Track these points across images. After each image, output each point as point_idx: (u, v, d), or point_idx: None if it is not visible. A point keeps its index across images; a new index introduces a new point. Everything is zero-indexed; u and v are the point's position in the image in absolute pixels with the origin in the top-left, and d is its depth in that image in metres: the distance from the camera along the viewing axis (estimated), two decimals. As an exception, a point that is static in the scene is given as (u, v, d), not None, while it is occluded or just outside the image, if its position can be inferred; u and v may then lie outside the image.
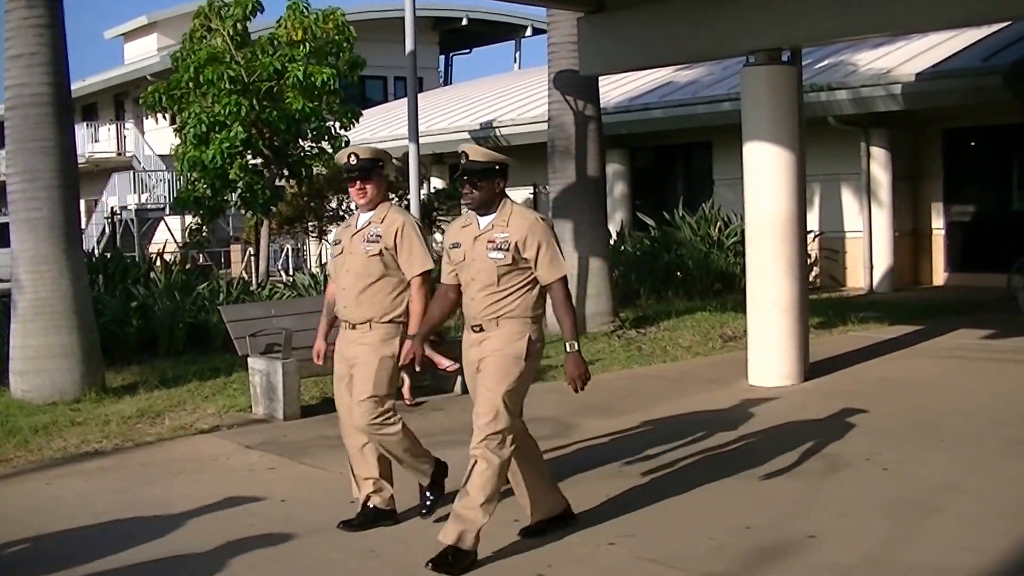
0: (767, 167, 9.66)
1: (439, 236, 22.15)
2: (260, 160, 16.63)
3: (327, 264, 6.12)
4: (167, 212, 28.62)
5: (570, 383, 5.13)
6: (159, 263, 16.36)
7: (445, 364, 9.13)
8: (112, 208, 30.98)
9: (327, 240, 18.91)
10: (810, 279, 15.17)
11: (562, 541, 5.41)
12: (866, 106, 16.05)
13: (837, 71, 16.80)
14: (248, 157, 16.30)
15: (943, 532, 5.45)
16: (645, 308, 14.94)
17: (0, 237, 17.38)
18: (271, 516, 5.99)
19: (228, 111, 15.33)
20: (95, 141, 35.54)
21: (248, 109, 15.45)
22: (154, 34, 34.47)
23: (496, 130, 21.43)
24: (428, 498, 5.88)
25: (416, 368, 5.44)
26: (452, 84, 36.07)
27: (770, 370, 9.69)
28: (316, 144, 16.79)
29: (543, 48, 13.89)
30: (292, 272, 18.60)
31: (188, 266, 16.54)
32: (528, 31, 36.67)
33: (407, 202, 13.49)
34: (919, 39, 16.40)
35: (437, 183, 23.38)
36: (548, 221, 5.24)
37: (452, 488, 5.54)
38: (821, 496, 6.17)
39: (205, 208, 17.07)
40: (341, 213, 18.12)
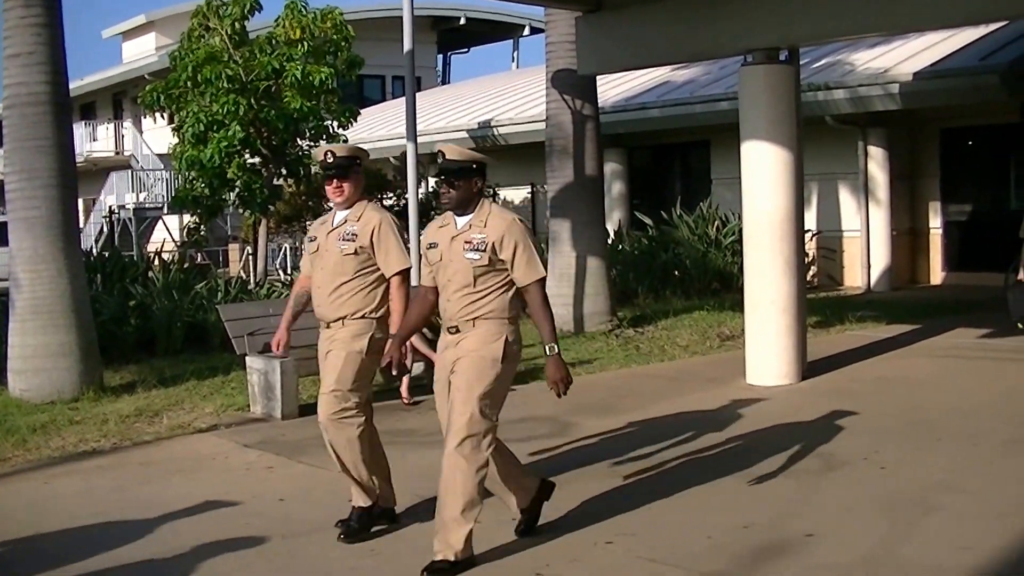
0: (765, 166, 9.66)
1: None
2: (258, 159, 16.63)
3: (302, 262, 6.00)
4: (165, 211, 28.62)
5: (551, 387, 5.04)
6: (157, 262, 16.36)
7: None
8: (110, 207, 30.96)
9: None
10: (808, 278, 15.17)
11: (559, 540, 5.41)
12: (864, 105, 16.07)
13: (835, 70, 16.81)
14: (246, 156, 16.31)
15: (941, 531, 5.45)
16: (643, 307, 14.95)
17: (-2, 236, 17.34)
18: (269, 515, 5.99)
19: (226, 110, 15.33)
20: (93, 140, 35.54)
21: (246, 108, 15.45)
22: (152, 33, 34.46)
23: (494, 129, 21.44)
24: (352, 520, 5.54)
25: (392, 372, 5.32)
26: (450, 83, 36.07)
27: (768, 369, 9.70)
28: (314, 143, 16.78)
29: (541, 47, 13.91)
30: (290, 271, 18.59)
31: (186, 265, 16.54)
32: (526, 30, 36.69)
33: (405, 200, 13.49)
34: (916, 39, 16.43)
35: (435, 182, 23.38)
36: (526, 223, 5.15)
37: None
38: (819, 495, 6.17)
39: (203, 207, 17.06)
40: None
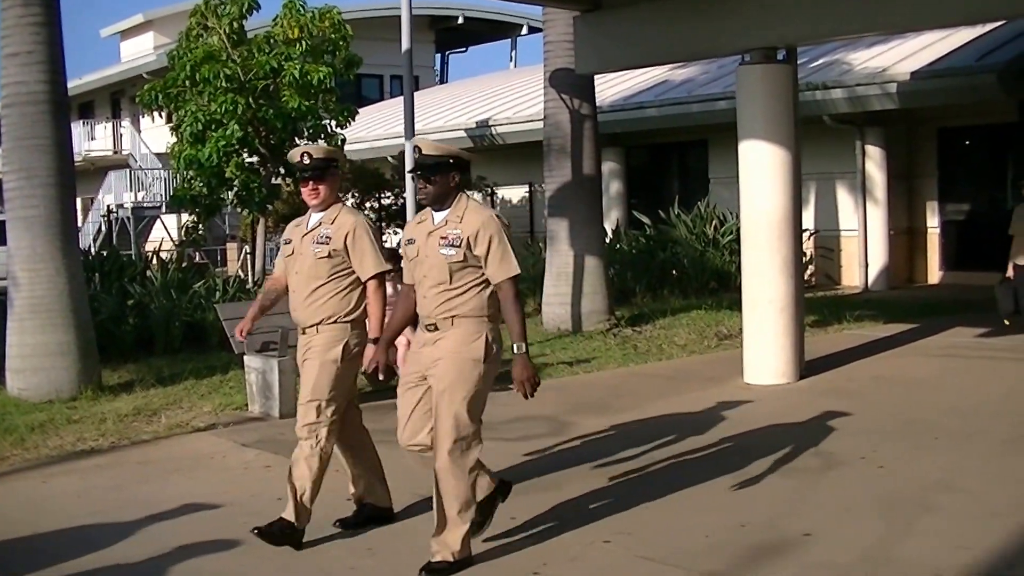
0: (763, 166, 9.67)
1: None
2: (256, 158, 16.62)
3: (276, 261, 5.95)
4: (163, 210, 28.57)
5: (518, 387, 4.92)
6: (155, 261, 16.36)
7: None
8: (108, 206, 30.90)
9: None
10: (805, 277, 15.18)
11: (557, 539, 5.41)
12: (861, 105, 16.09)
13: (832, 70, 16.83)
14: (244, 155, 16.30)
15: (938, 530, 5.46)
16: (641, 306, 14.95)
17: (-4, 235, 17.33)
18: (267, 514, 5.97)
19: (224, 109, 15.32)
20: (91, 139, 35.49)
21: (244, 107, 15.45)
22: (150, 32, 34.43)
23: (492, 129, 21.44)
24: (274, 528, 5.39)
25: (380, 376, 5.26)
26: (448, 82, 36.07)
27: (766, 368, 9.71)
28: (312, 142, 16.77)
29: (539, 47, 13.91)
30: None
31: (184, 264, 16.54)
32: (524, 30, 36.71)
33: (403, 200, 13.47)
34: (914, 38, 16.44)
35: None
36: (503, 220, 5.10)
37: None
38: (817, 494, 6.18)
39: (201, 206, 17.05)
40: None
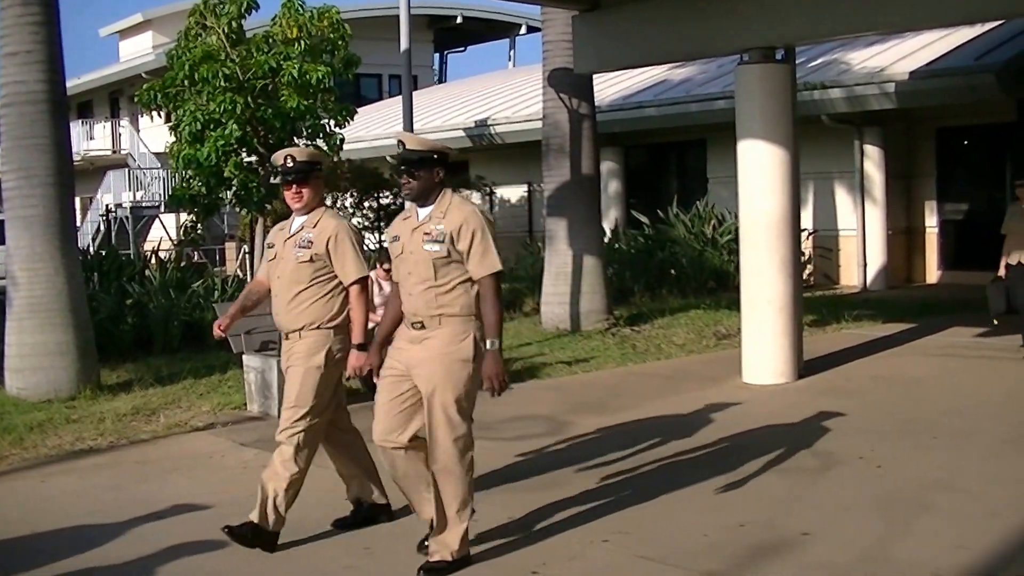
0: (761, 165, 9.67)
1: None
2: (255, 158, 16.60)
3: (260, 265, 5.91)
4: (162, 210, 28.56)
5: (486, 383, 4.84)
6: (154, 261, 16.38)
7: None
8: (107, 206, 30.89)
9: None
10: (804, 277, 15.19)
11: (555, 538, 5.42)
12: (860, 104, 16.09)
13: (831, 69, 16.83)
14: (243, 155, 16.28)
15: (937, 530, 5.47)
16: (639, 306, 14.95)
17: (-5, 235, 17.32)
18: (266, 513, 5.99)
19: (223, 109, 15.31)
20: (90, 139, 35.48)
21: (243, 107, 15.43)
22: (149, 32, 34.43)
23: (490, 128, 21.44)
24: (245, 528, 5.34)
25: (373, 380, 5.21)
26: (447, 82, 36.06)
27: (764, 368, 9.71)
28: (311, 142, 16.76)
29: (538, 46, 13.97)
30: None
31: (183, 264, 16.54)
32: (523, 29, 36.70)
33: (402, 200, 13.47)
34: (912, 38, 16.45)
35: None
36: (488, 215, 5.05)
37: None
38: (815, 494, 6.19)
39: (200, 206, 17.04)
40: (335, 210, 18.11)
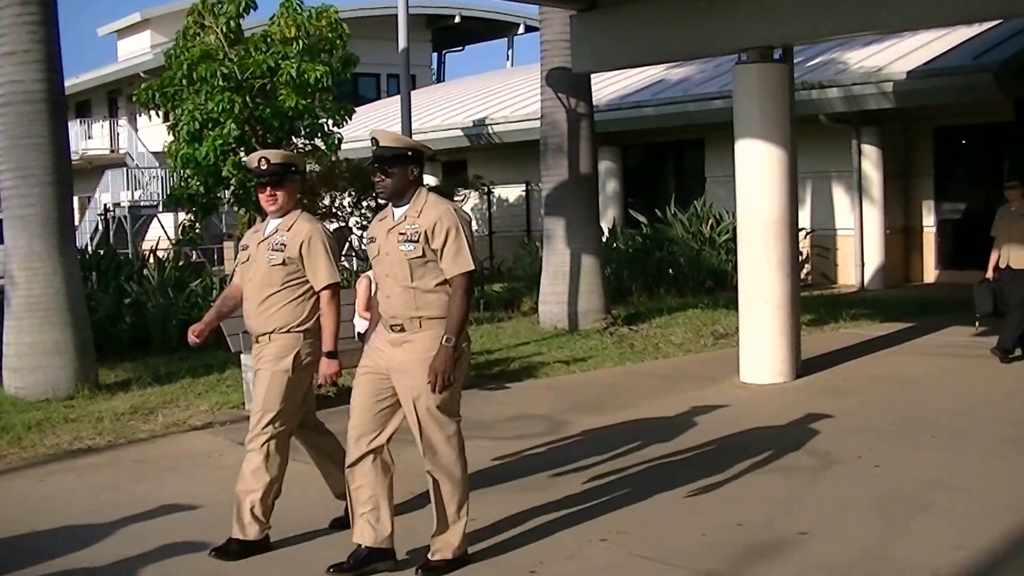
0: (759, 165, 9.68)
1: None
2: (253, 157, 16.62)
3: (233, 268, 5.87)
4: (160, 209, 28.56)
5: (429, 376, 4.74)
6: (152, 260, 16.33)
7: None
8: (105, 205, 30.88)
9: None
10: (802, 277, 15.20)
11: (553, 537, 5.43)
12: (857, 104, 16.10)
13: (828, 69, 16.84)
14: (241, 154, 16.27)
15: (935, 530, 5.48)
16: (637, 305, 14.97)
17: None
18: (265, 513, 5.99)
19: (221, 108, 15.31)
20: (88, 138, 35.44)
21: (241, 106, 15.43)
22: (147, 31, 34.42)
23: (489, 127, 21.45)
24: (231, 548, 5.32)
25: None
26: (445, 81, 36.06)
27: (762, 367, 9.72)
28: (309, 141, 16.77)
29: (536, 46, 13.97)
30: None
31: (181, 263, 16.51)
32: (521, 29, 36.69)
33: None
34: (910, 37, 16.46)
35: (430, 180, 23.42)
36: (464, 213, 4.97)
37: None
38: (813, 493, 6.20)
39: (198, 205, 17.04)
40: (334, 210, 18.13)
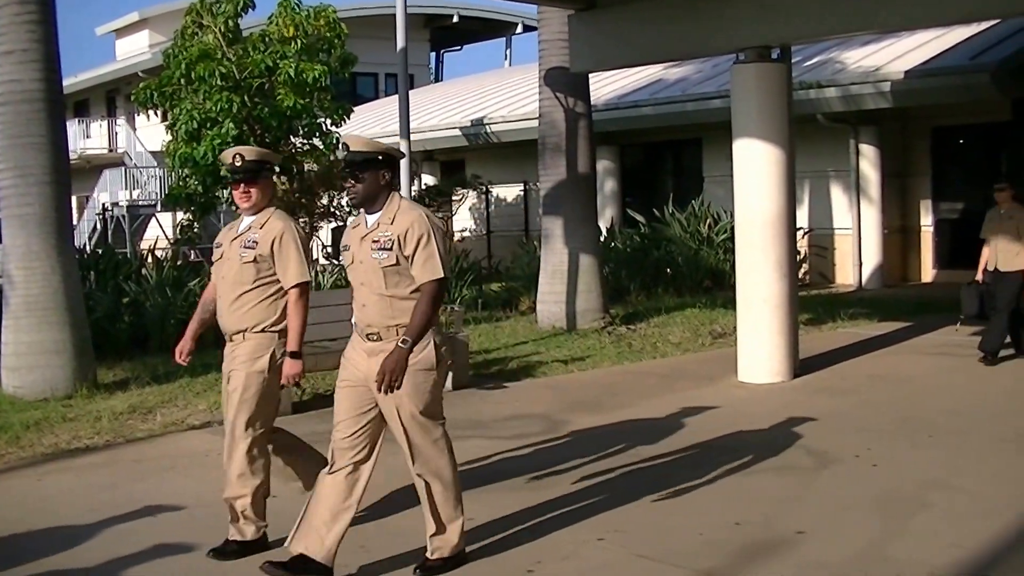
0: (757, 164, 9.69)
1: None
2: (251, 157, 16.61)
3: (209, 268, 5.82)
4: (158, 208, 28.54)
5: (377, 375, 4.67)
6: (150, 259, 16.33)
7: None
8: (103, 204, 30.87)
9: (317, 237, 18.86)
10: (799, 276, 15.21)
11: (550, 536, 5.43)
12: (855, 104, 16.12)
13: (826, 69, 16.86)
14: (239, 154, 16.28)
15: (932, 529, 5.49)
16: (635, 304, 14.98)
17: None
18: (263, 512, 6.00)
19: (219, 108, 15.31)
20: (87, 137, 35.40)
21: (239, 106, 15.44)
22: (146, 31, 34.40)
23: (487, 127, 21.45)
24: (229, 549, 5.40)
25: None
26: (443, 81, 36.06)
27: (760, 367, 9.73)
28: (307, 141, 16.77)
29: (534, 45, 13.93)
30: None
31: (179, 262, 16.50)
32: (519, 28, 36.70)
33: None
34: (908, 37, 16.48)
35: (428, 180, 23.40)
36: (436, 219, 4.86)
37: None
38: (811, 492, 6.21)
39: (196, 204, 17.04)
40: (332, 209, 18.13)
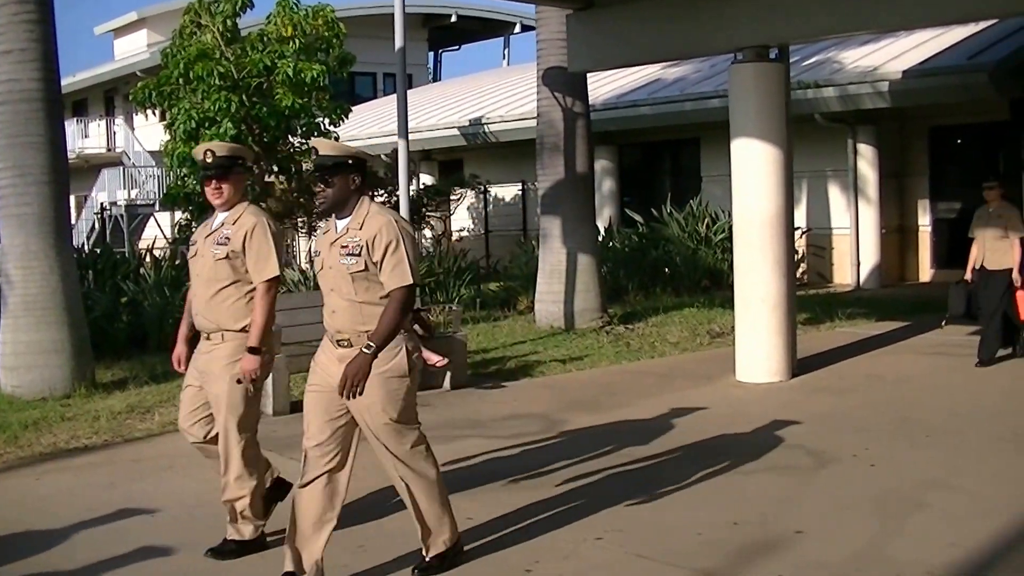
0: (755, 164, 9.70)
1: (428, 232, 22.19)
2: (249, 156, 16.63)
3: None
4: (157, 208, 28.52)
5: (340, 381, 4.56)
6: (149, 259, 16.34)
7: (435, 360, 9.16)
8: (102, 204, 30.87)
9: (316, 236, 18.85)
10: (797, 276, 15.22)
11: (549, 536, 5.44)
12: (853, 103, 16.13)
13: (824, 68, 16.86)
14: (237, 153, 16.29)
15: (930, 528, 5.49)
16: (633, 304, 14.98)
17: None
18: (261, 511, 6.00)
19: (218, 107, 15.30)
20: (85, 137, 35.38)
21: (238, 105, 15.42)
22: (144, 30, 34.36)
23: (485, 127, 21.46)
24: (227, 548, 5.36)
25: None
26: (441, 81, 36.06)
27: (758, 366, 9.74)
28: (305, 140, 16.77)
29: (532, 45, 13.92)
30: (281, 268, 18.60)
31: (178, 262, 16.50)
32: (517, 28, 36.70)
33: (397, 197, 13.45)
34: (905, 37, 16.49)
35: (426, 179, 23.40)
36: (406, 224, 4.80)
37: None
38: (808, 492, 6.21)
39: (195, 204, 17.00)
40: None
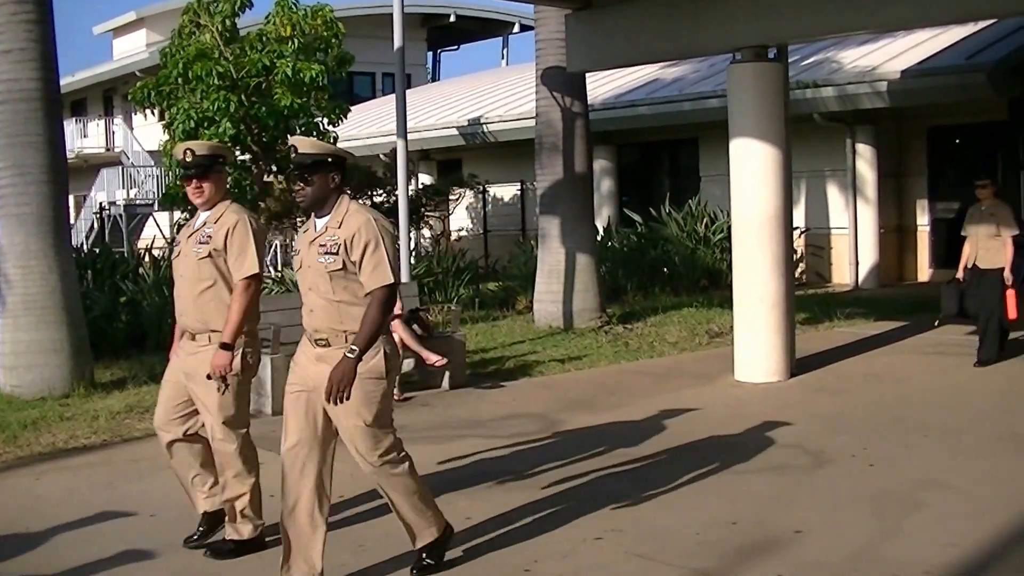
0: (753, 164, 9.70)
1: (427, 232, 22.21)
2: (248, 156, 16.61)
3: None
4: (156, 208, 28.54)
5: (327, 385, 4.50)
6: (148, 259, 16.34)
7: (433, 359, 9.17)
8: (101, 203, 30.88)
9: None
10: (796, 275, 15.23)
11: (547, 536, 5.44)
12: (852, 103, 16.14)
13: (823, 68, 16.88)
14: (236, 153, 16.29)
15: (927, 528, 5.50)
16: (632, 304, 14.99)
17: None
18: (260, 511, 6.00)
19: (217, 107, 15.31)
20: (84, 136, 35.38)
21: (237, 105, 15.43)
22: (143, 30, 34.37)
23: (484, 126, 21.47)
24: (218, 546, 5.39)
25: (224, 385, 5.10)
26: (440, 80, 36.06)
27: (756, 366, 9.74)
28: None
29: (531, 45, 13.92)
30: (280, 268, 18.55)
31: (176, 262, 16.51)
32: (516, 28, 36.73)
33: (395, 197, 13.45)
34: (904, 37, 16.50)
35: (425, 179, 23.40)
36: (386, 223, 4.74)
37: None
38: (807, 492, 6.22)
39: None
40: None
